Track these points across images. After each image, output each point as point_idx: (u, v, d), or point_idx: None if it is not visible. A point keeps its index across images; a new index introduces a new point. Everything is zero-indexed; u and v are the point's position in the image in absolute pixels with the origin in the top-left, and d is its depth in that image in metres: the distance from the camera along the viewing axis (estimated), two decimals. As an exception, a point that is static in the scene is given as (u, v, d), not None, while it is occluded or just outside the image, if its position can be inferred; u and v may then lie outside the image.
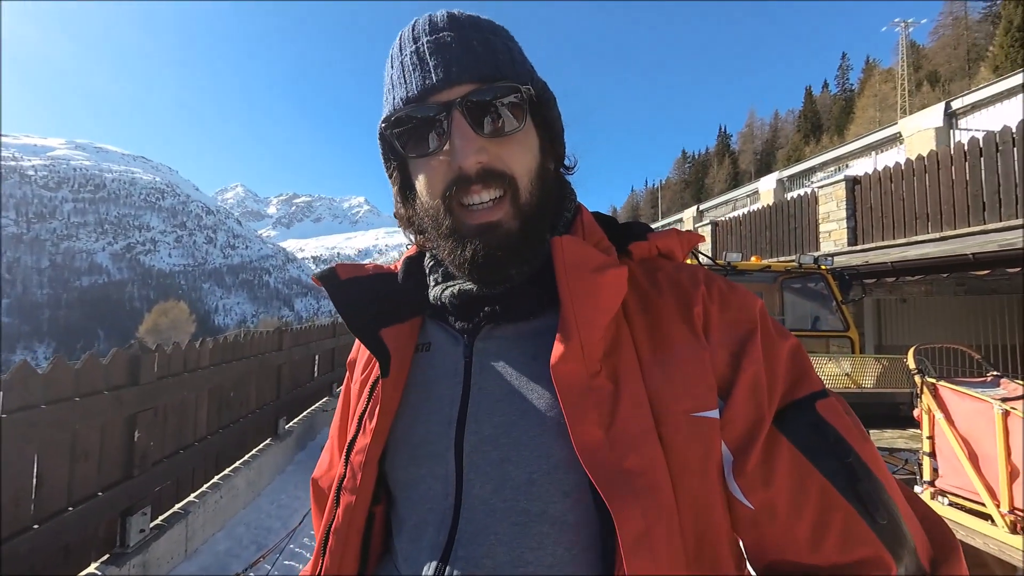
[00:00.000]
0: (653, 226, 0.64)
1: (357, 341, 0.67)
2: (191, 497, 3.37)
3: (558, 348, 0.48)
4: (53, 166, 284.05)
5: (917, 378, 2.62)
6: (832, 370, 4.14)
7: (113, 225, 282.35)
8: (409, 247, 0.68)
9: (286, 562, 3.10)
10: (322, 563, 0.58)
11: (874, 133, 15.41)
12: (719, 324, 0.51)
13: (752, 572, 0.53)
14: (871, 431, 4.39)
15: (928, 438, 2.50)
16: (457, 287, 0.56)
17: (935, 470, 2.51)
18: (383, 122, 0.55)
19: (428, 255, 0.64)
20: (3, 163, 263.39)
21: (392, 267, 0.67)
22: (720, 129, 72.58)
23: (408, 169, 0.58)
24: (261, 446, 4.58)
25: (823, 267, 5.23)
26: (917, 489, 3.50)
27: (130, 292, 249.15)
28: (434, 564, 0.50)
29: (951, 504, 2.40)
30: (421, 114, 0.51)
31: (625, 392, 0.47)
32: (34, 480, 2.13)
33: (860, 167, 14.60)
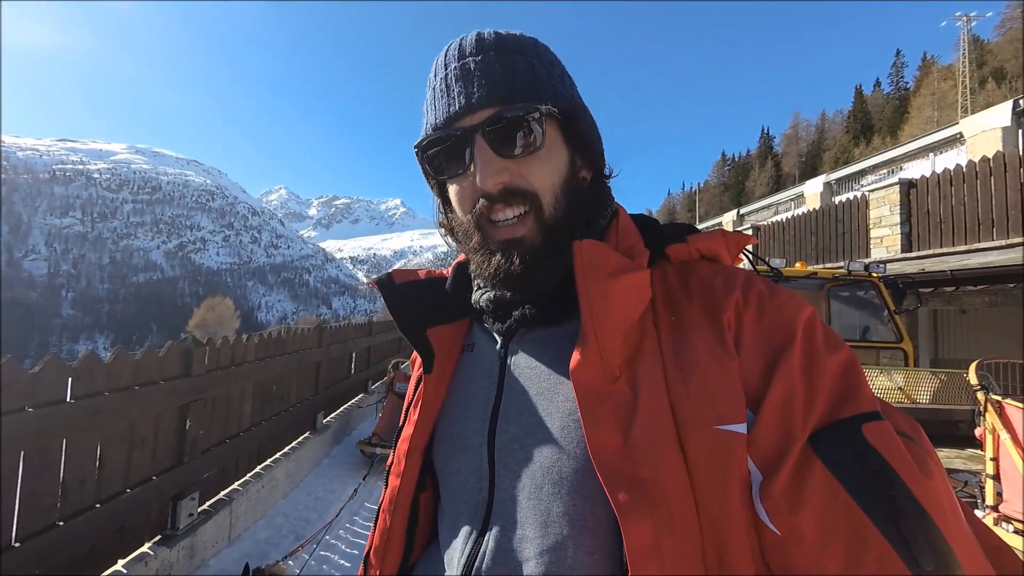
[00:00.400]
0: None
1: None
2: (235, 485, 3.52)
3: (577, 352, 0.48)
4: (115, 169, 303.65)
5: (980, 395, 2.46)
6: (884, 383, 3.93)
7: (167, 225, 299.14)
8: (456, 253, 0.71)
9: (322, 553, 3.19)
10: (374, 538, 0.64)
11: (932, 134, 14.57)
12: (753, 332, 0.48)
13: None
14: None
15: (992, 459, 2.35)
16: (493, 294, 0.59)
17: (999, 494, 2.34)
18: (416, 146, 0.58)
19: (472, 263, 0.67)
20: (72, 167, 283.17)
21: (444, 272, 0.70)
22: (763, 131, 70.34)
23: (443, 187, 0.62)
24: (300, 439, 4.74)
25: (874, 274, 4.97)
26: (978, 514, 3.28)
27: (181, 288, 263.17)
28: (467, 553, 0.53)
29: (1016, 531, 2.23)
30: (447, 139, 0.54)
31: (644, 400, 0.46)
32: (96, 463, 2.27)
33: (915, 170, 13.82)
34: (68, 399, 2.08)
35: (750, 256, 0.74)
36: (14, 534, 1.87)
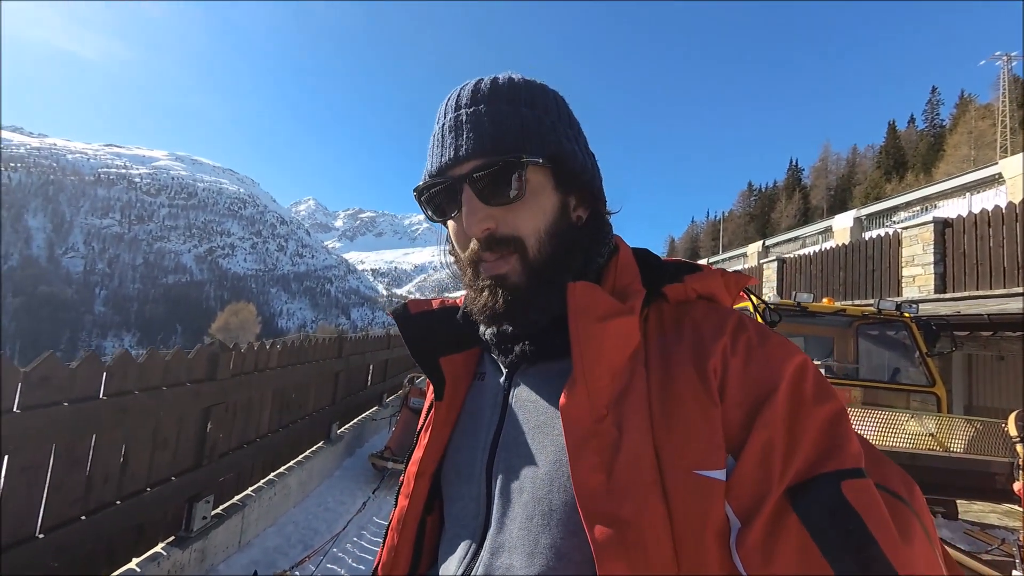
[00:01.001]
0: (714, 259, 0.63)
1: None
2: (248, 491, 3.54)
3: (566, 391, 0.50)
4: (155, 175, 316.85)
5: (1020, 447, 2.34)
6: (914, 429, 3.77)
7: (199, 230, 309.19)
8: None
9: (328, 565, 3.18)
10: (382, 554, 0.66)
11: (969, 173, 14.23)
12: (739, 380, 0.48)
13: None
14: (958, 500, 3.92)
15: (1033, 517, 2.21)
16: (496, 328, 0.61)
17: (1041, 555, 2.20)
18: (414, 191, 0.61)
19: None
20: (116, 171, 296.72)
21: (456, 302, 0.72)
22: (791, 162, 69.54)
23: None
24: (314, 448, 4.76)
25: (906, 314, 4.82)
26: (1016, 574, 3.07)
27: (207, 291, 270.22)
28: (460, 574, 0.55)
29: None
30: (438, 187, 0.58)
31: (628, 440, 0.47)
32: (121, 460, 2.32)
33: (950, 209, 13.46)
34: (101, 395, 2.15)
35: (753, 296, 0.74)
36: (39, 525, 1.92)
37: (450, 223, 0.61)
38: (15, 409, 1.77)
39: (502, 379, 0.62)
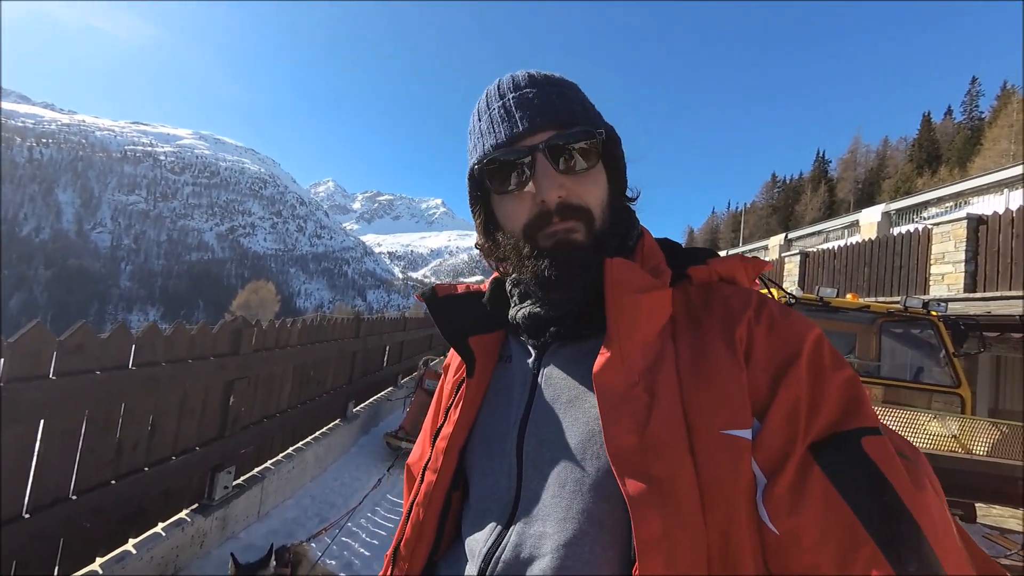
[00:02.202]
0: (734, 251, 0.65)
1: (451, 349, 0.77)
2: (268, 463, 3.65)
3: (601, 358, 0.53)
4: (180, 153, 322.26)
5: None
6: (936, 429, 3.69)
7: (221, 208, 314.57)
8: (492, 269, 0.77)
9: (343, 539, 3.27)
10: (404, 531, 0.67)
11: (1008, 168, 13.64)
12: (763, 347, 0.52)
13: None
14: (977, 503, 3.85)
15: (1058, 524, 2.16)
16: (528, 310, 0.64)
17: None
18: (476, 163, 0.63)
19: (509, 279, 0.72)
20: (142, 148, 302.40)
21: (482, 287, 0.76)
22: (818, 153, 67.56)
23: (492, 207, 0.66)
24: (331, 425, 4.87)
25: (934, 312, 4.68)
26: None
27: (228, 269, 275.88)
28: (489, 545, 0.57)
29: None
30: (510, 156, 0.59)
31: (660, 404, 0.50)
32: (149, 428, 2.41)
33: (985, 205, 12.97)
34: (131, 365, 2.22)
35: (765, 281, 0.76)
36: (72, 487, 2.01)
37: (507, 201, 0.62)
38: (51, 375, 1.84)
39: (531, 360, 0.65)
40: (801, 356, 0.51)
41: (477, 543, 0.59)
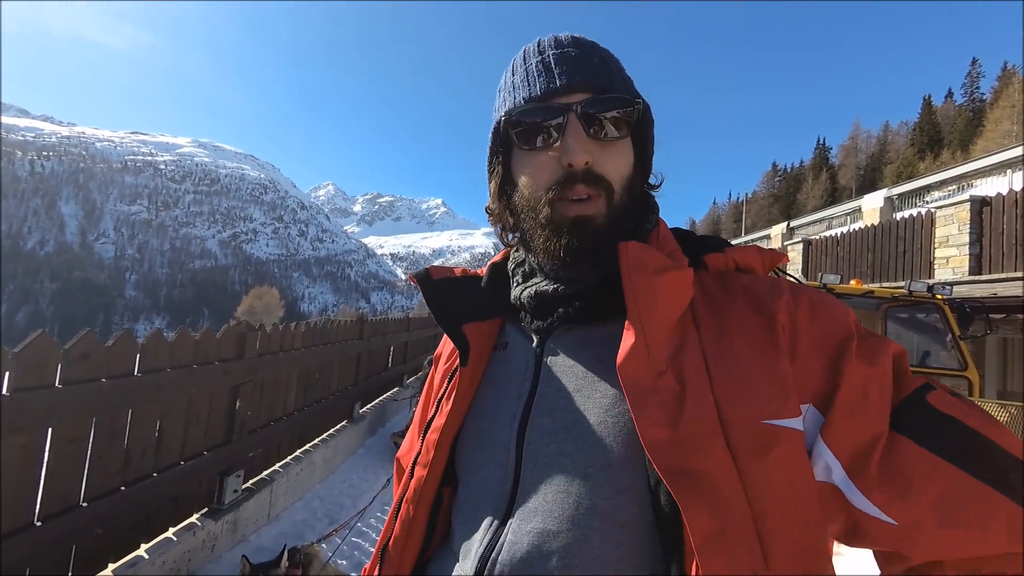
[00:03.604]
0: (735, 242, 0.64)
1: (444, 337, 0.73)
2: (276, 467, 3.67)
3: (624, 347, 0.50)
4: (180, 161, 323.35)
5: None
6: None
7: (223, 216, 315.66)
8: (497, 251, 0.74)
9: (353, 539, 3.28)
10: (393, 529, 0.64)
11: (1010, 149, 13.52)
12: (809, 333, 0.50)
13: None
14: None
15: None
16: (534, 288, 0.61)
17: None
18: (505, 114, 0.59)
19: (511, 259, 0.69)
20: (142, 158, 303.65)
21: (479, 272, 0.72)
22: (818, 141, 67.20)
23: (511, 166, 0.62)
24: (338, 427, 4.89)
25: (939, 296, 4.66)
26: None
27: (232, 276, 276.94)
28: (485, 544, 0.53)
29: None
30: (541, 112, 0.56)
31: (691, 393, 0.47)
32: (156, 435, 2.42)
33: (989, 187, 12.87)
34: (136, 372, 2.23)
35: (780, 273, 0.73)
36: (82, 494, 2.02)
37: (528, 157, 0.59)
38: (57, 384, 1.85)
39: (533, 345, 0.61)
40: (852, 339, 0.50)
41: (471, 541, 0.55)
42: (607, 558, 0.48)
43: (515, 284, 0.65)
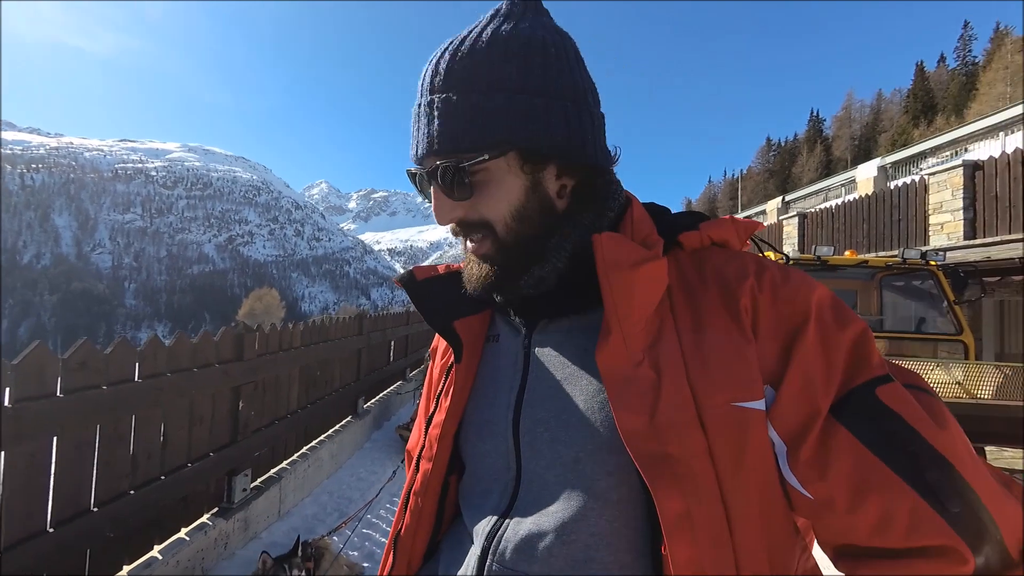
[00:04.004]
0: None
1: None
2: (283, 464, 3.72)
3: (602, 341, 0.52)
4: (170, 167, 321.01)
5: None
6: (940, 377, 3.71)
7: (217, 219, 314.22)
8: None
9: (364, 530, 3.34)
10: (403, 520, 0.67)
11: (1003, 111, 13.45)
12: (769, 315, 0.51)
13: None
14: (986, 447, 3.88)
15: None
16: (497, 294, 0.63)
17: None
18: (407, 172, 0.63)
19: None
20: (132, 165, 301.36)
21: (461, 266, 0.72)
22: (812, 113, 66.69)
23: None
24: (343, 423, 4.93)
25: (932, 263, 4.68)
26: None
27: (231, 280, 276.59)
28: (492, 525, 0.57)
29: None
30: (419, 178, 0.60)
31: (667, 381, 0.49)
32: (161, 438, 2.45)
33: (983, 151, 12.81)
34: (136, 378, 2.26)
35: (757, 242, 0.73)
36: (92, 499, 2.06)
37: None
38: (58, 393, 1.88)
39: (520, 338, 0.63)
40: (809, 321, 0.50)
41: (479, 524, 0.59)
42: (603, 534, 0.51)
43: None
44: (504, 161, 0.55)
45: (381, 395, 6.29)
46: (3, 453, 1.69)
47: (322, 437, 4.42)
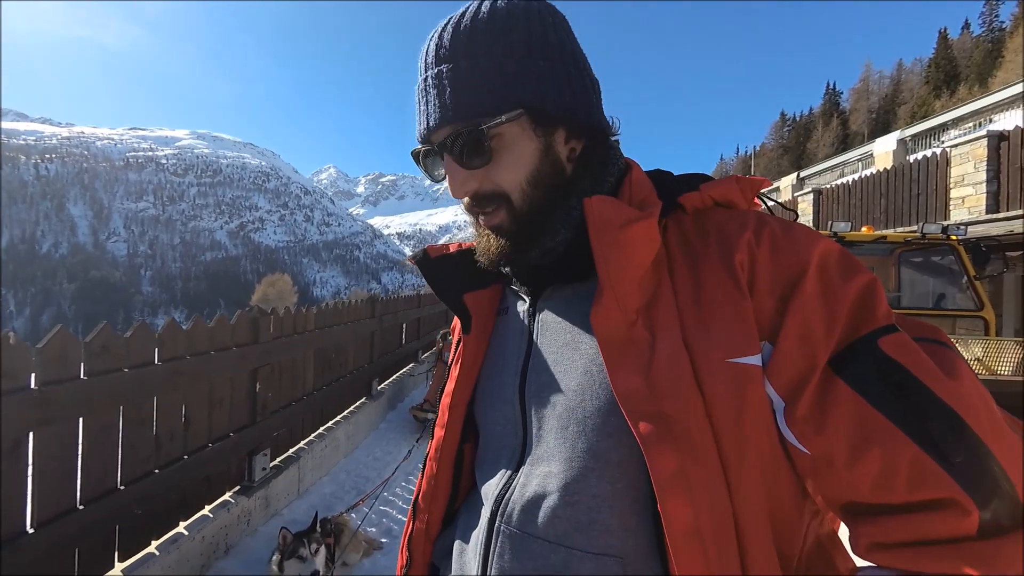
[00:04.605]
0: None
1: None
2: (301, 444, 3.80)
3: (596, 302, 0.52)
4: (180, 155, 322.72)
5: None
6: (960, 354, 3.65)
7: (228, 206, 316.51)
8: None
9: (380, 507, 3.42)
10: (421, 485, 0.71)
11: (1030, 79, 12.91)
12: (767, 269, 0.50)
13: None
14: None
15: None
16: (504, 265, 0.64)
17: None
18: (412, 153, 0.63)
19: None
20: (143, 154, 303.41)
21: (472, 244, 0.74)
22: (828, 85, 64.72)
23: None
24: (358, 404, 5.02)
25: (953, 237, 4.56)
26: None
27: (243, 266, 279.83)
28: (500, 487, 0.59)
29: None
30: (428, 155, 0.60)
31: (662, 341, 0.49)
32: (182, 420, 2.51)
33: (1008, 121, 12.36)
34: (156, 361, 2.31)
35: (765, 199, 0.70)
36: (119, 478, 2.13)
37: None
38: (82, 376, 1.92)
39: (526, 307, 0.65)
40: (808, 272, 0.48)
41: (491, 487, 0.61)
42: (604, 496, 0.52)
43: None
44: (518, 124, 0.56)
45: (394, 377, 6.37)
46: (31, 435, 1.74)
47: (338, 418, 4.50)
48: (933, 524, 0.41)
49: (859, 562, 0.48)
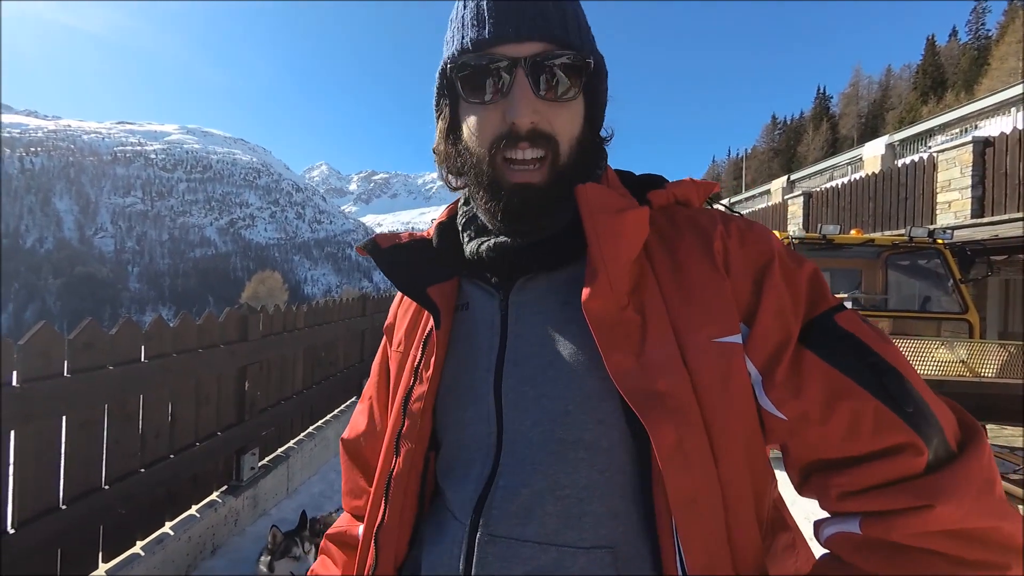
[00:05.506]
0: (736, 199, 0.66)
1: (392, 308, 0.77)
2: (291, 443, 3.77)
3: (588, 286, 0.52)
4: (169, 150, 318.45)
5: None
6: (944, 356, 3.71)
7: (218, 202, 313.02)
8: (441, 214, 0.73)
9: (371, 508, 3.40)
10: (384, 509, 0.61)
11: (1014, 86, 13.15)
12: (739, 256, 0.55)
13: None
14: (988, 425, 3.90)
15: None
16: (492, 241, 0.60)
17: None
18: (450, 59, 0.56)
19: (460, 214, 0.67)
20: (131, 148, 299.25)
21: (426, 234, 0.70)
22: (818, 90, 65.43)
23: (457, 111, 0.60)
24: (348, 402, 4.99)
25: (939, 240, 4.63)
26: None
27: (233, 263, 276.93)
28: (478, 493, 0.55)
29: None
30: (488, 62, 0.54)
31: (652, 323, 0.52)
32: (169, 418, 2.48)
33: (994, 127, 12.57)
34: (142, 358, 2.27)
35: (715, 204, 0.75)
36: (103, 477, 2.09)
37: (473, 109, 0.57)
38: (65, 373, 1.89)
39: (495, 300, 0.61)
40: (774, 260, 0.54)
41: (466, 493, 0.56)
42: (595, 485, 0.52)
43: (467, 239, 0.64)
44: (582, 84, 0.57)
45: (385, 376, 6.34)
46: (12, 433, 1.71)
47: (328, 417, 4.47)
48: (895, 466, 0.47)
49: (819, 516, 0.55)
